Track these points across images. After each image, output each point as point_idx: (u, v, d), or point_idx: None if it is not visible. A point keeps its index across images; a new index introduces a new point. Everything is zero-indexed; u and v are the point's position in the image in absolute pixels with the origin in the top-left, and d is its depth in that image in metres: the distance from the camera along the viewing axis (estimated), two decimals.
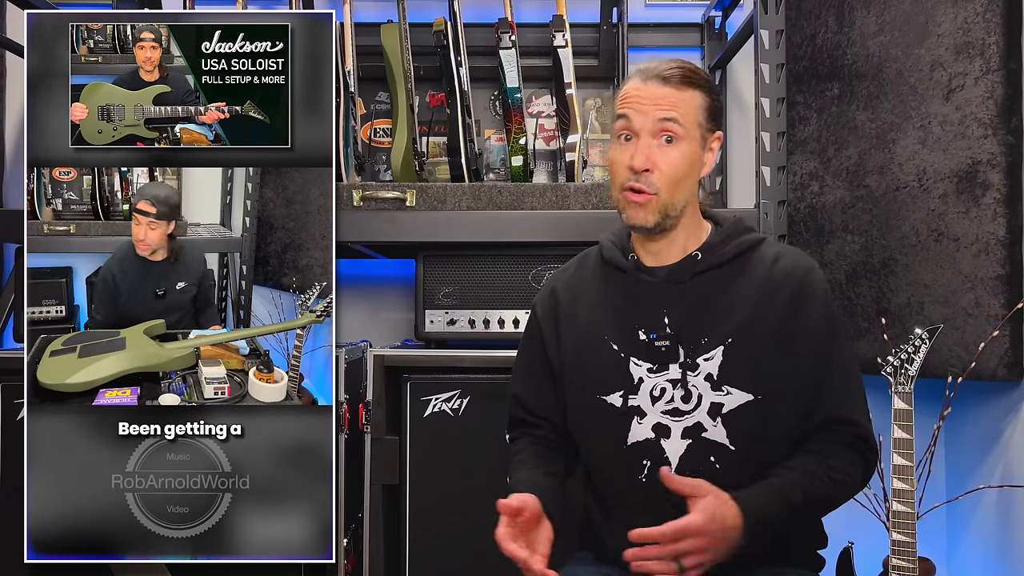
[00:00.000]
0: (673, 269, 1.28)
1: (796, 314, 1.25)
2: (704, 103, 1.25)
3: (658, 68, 1.24)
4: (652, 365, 1.26)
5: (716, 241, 1.29)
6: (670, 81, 1.23)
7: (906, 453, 1.60)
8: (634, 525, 1.27)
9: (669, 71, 1.23)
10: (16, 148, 2.50)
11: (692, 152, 1.24)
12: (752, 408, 1.22)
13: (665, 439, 1.24)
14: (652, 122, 1.22)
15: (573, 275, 1.40)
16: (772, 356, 1.23)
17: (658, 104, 1.22)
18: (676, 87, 1.23)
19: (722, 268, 1.28)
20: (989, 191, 1.77)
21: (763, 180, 1.97)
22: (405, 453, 1.90)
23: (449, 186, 2.01)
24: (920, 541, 1.62)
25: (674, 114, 1.22)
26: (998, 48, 1.77)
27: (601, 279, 1.35)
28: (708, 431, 1.23)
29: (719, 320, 1.25)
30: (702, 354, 1.24)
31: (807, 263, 1.29)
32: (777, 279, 1.26)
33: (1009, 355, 1.75)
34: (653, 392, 1.26)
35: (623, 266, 1.32)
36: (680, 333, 1.25)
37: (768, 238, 1.33)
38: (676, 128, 1.22)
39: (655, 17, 2.60)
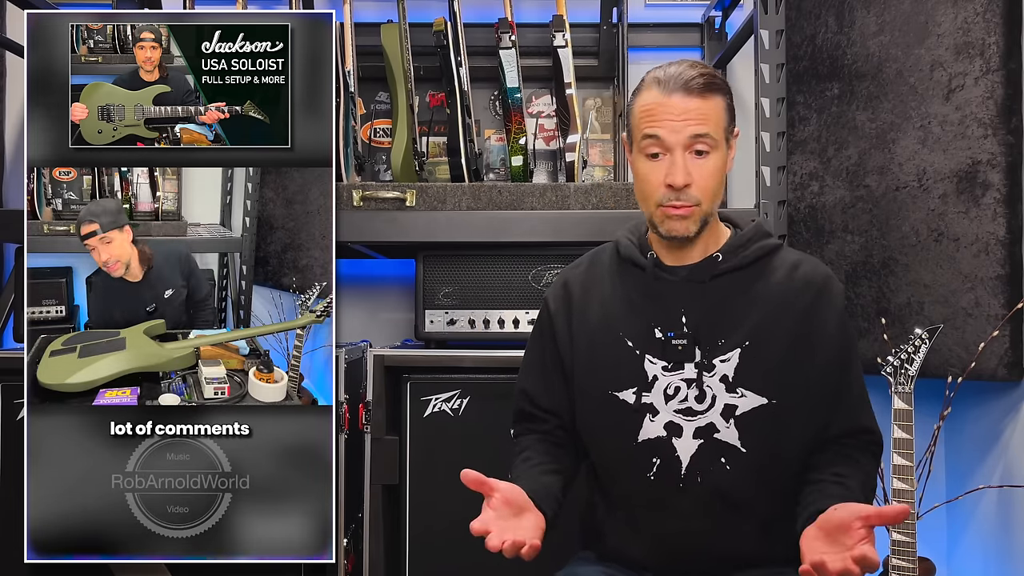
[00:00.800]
0: (693, 269, 1.28)
1: (814, 321, 1.25)
2: (727, 106, 1.24)
3: (680, 78, 1.20)
4: (667, 363, 1.26)
5: (738, 244, 1.29)
6: (695, 92, 1.19)
7: (906, 453, 1.60)
8: (638, 523, 1.28)
9: (693, 80, 1.19)
10: (16, 148, 2.50)
11: (723, 159, 1.24)
12: (766, 412, 1.23)
13: (677, 438, 1.24)
14: (684, 138, 1.19)
15: (585, 271, 1.38)
16: (788, 361, 1.24)
17: (688, 119, 1.19)
18: (701, 96, 1.19)
19: (742, 271, 1.27)
20: (989, 191, 1.77)
21: (763, 180, 1.97)
22: (405, 453, 1.90)
23: (449, 186, 2.01)
24: (920, 541, 1.62)
25: (706, 129, 1.19)
26: (998, 48, 1.77)
27: (617, 276, 1.34)
28: (720, 432, 1.23)
29: (737, 322, 1.25)
30: (719, 355, 1.24)
31: (826, 271, 1.29)
32: (797, 285, 1.26)
33: (1009, 355, 1.75)
34: (667, 391, 1.25)
35: (642, 264, 1.30)
36: (697, 333, 1.25)
37: (785, 244, 1.33)
38: (709, 141, 1.20)
39: (655, 17, 2.60)
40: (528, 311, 2.01)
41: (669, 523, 1.25)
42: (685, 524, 1.25)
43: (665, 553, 1.27)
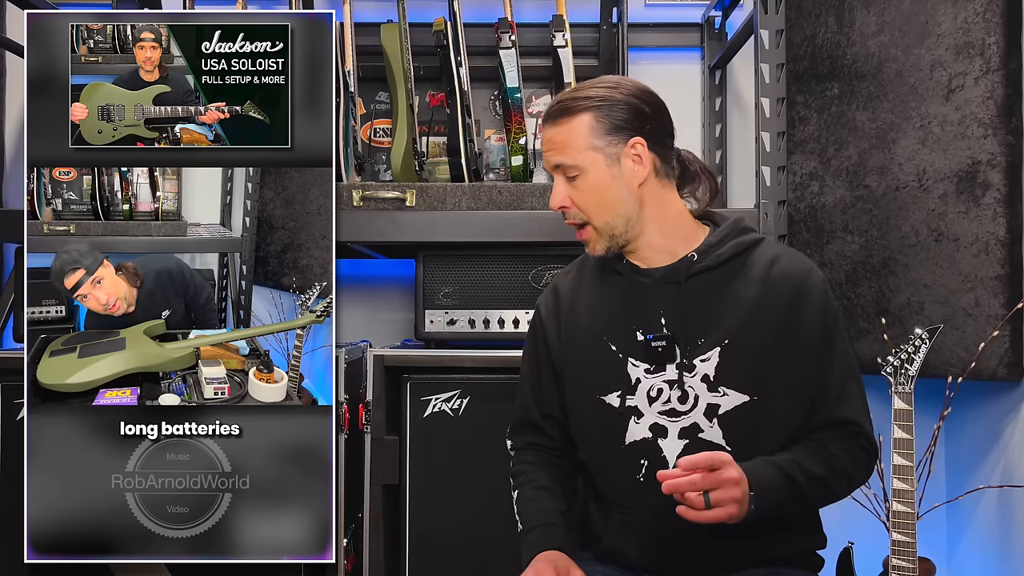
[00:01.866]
0: (669, 270, 1.29)
1: (793, 316, 1.25)
2: (593, 122, 1.26)
3: (548, 110, 1.29)
4: (649, 366, 1.27)
5: (713, 242, 1.29)
6: (550, 121, 1.29)
7: (906, 453, 1.60)
8: (632, 524, 1.28)
9: (550, 110, 1.29)
10: (16, 148, 2.50)
11: (599, 176, 1.26)
12: (748, 409, 1.23)
13: (662, 439, 1.25)
14: (552, 167, 1.29)
15: (574, 277, 1.41)
16: (769, 358, 1.24)
17: (550, 150, 1.28)
18: (557, 122, 1.27)
19: (719, 269, 1.28)
20: (989, 191, 1.77)
21: (763, 180, 1.97)
22: (405, 453, 1.90)
23: (449, 186, 2.01)
24: (920, 541, 1.62)
25: (560, 159, 1.27)
26: (998, 48, 1.77)
27: (599, 281, 1.36)
28: (705, 432, 1.24)
29: (716, 321, 1.25)
30: (699, 355, 1.25)
31: (805, 264, 1.29)
32: (775, 280, 1.26)
33: (1009, 355, 1.75)
34: (650, 393, 1.26)
35: (619, 269, 1.33)
36: (676, 334, 1.26)
37: (767, 238, 1.33)
38: (568, 167, 1.27)
39: (655, 17, 2.60)
40: (528, 311, 2.01)
41: (661, 524, 1.25)
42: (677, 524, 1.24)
43: (659, 554, 1.27)
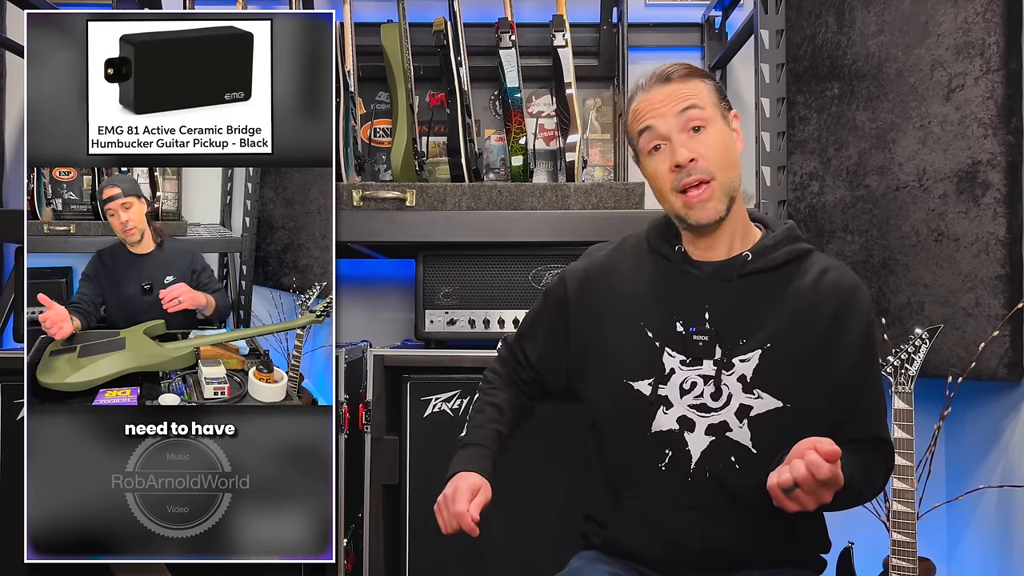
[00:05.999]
0: (721, 266, 1.27)
1: (838, 329, 1.24)
2: (712, 88, 1.25)
3: (656, 73, 1.26)
4: (686, 358, 1.25)
5: (769, 244, 1.28)
6: (672, 78, 1.24)
7: (906, 453, 1.60)
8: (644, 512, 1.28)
9: (667, 70, 1.25)
10: (16, 148, 2.50)
11: (723, 132, 1.24)
12: (780, 415, 1.22)
13: (689, 432, 1.24)
14: (675, 119, 1.22)
15: (607, 256, 1.38)
16: (808, 367, 1.23)
17: (672, 101, 1.22)
18: (680, 81, 1.23)
19: (770, 272, 1.27)
20: (989, 191, 1.77)
21: (763, 180, 1.97)
22: (405, 453, 1.90)
23: (449, 186, 2.01)
24: (920, 541, 1.62)
25: (692, 100, 1.22)
26: (998, 48, 1.77)
27: (642, 265, 1.33)
28: (733, 431, 1.23)
29: (761, 324, 1.24)
30: (739, 355, 1.24)
31: (854, 280, 1.28)
32: (823, 292, 1.25)
33: (1009, 355, 1.75)
34: (683, 385, 1.25)
35: (669, 255, 1.30)
36: (719, 330, 1.24)
37: (816, 250, 1.32)
38: (699, 113, 1.22)
39: (655, 17, 2.60)
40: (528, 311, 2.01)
41: (675, 515, 1.25)
42: (690, 517, 1.25)
43: (669, 547, 1.26)
